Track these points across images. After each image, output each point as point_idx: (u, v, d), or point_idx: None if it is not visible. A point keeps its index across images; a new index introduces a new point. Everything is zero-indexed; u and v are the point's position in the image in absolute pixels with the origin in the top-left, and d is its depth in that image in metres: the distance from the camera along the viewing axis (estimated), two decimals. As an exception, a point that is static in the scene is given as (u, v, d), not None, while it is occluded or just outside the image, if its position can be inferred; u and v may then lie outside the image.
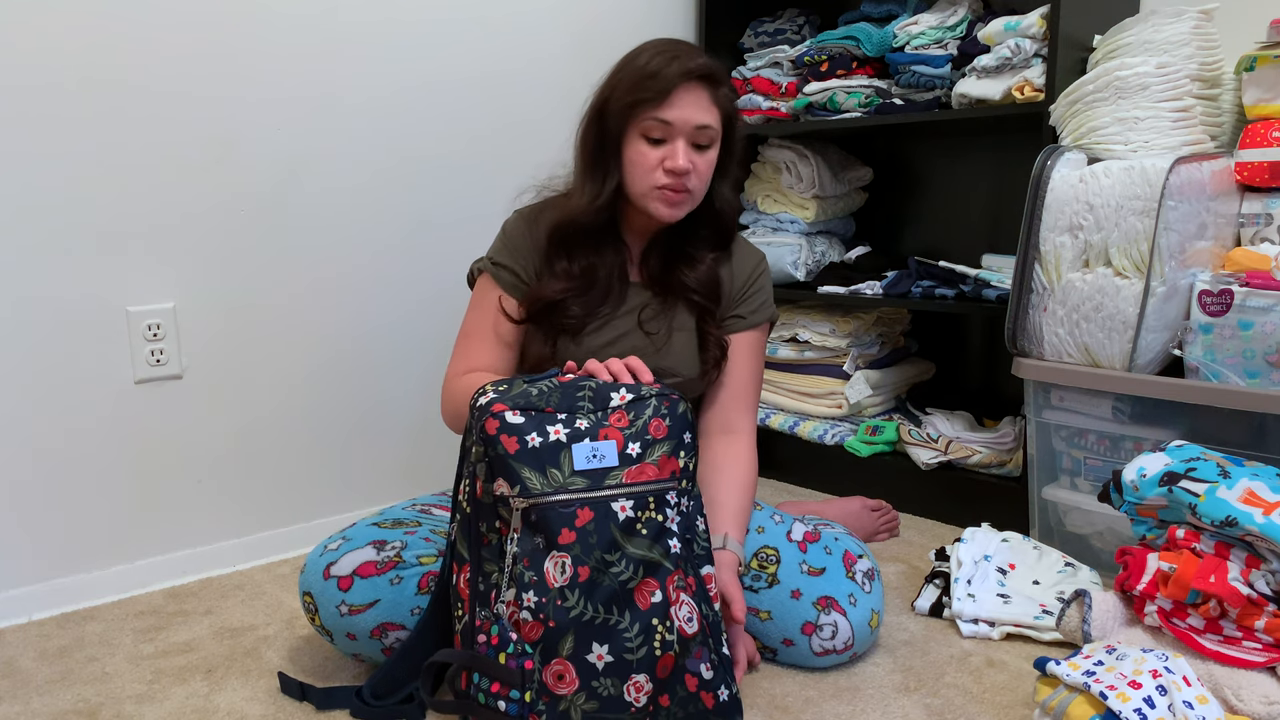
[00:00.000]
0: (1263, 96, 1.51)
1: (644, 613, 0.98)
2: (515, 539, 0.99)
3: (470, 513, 1.04)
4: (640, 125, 1.23)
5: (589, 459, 1.01)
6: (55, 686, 1.23)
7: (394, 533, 1.23)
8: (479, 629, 1.01)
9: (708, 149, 1.26)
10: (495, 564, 1.02)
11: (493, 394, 1.04)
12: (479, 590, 1.03)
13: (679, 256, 1.34)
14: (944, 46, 1.88)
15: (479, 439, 1.02)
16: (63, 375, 1.46)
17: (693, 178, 1.25)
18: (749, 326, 1.38)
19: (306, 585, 1.19)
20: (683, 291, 1.33)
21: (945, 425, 1.91)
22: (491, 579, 1.01)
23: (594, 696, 0.96)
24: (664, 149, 1.23)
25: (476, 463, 1.02)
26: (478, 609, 1.02)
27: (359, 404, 1.79)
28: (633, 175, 1.26)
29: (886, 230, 2.28)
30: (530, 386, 1.06)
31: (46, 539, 1.47)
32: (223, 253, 1.60)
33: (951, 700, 1.18)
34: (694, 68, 1.22)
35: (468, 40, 1.85)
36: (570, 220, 1.28)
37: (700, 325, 1.34)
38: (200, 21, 1.52)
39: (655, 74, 1.21)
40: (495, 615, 1.00)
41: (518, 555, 0.98)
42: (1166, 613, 1.13)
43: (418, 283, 1.84)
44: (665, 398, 1.07)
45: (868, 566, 1.29)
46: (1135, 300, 1.40)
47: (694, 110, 1.22)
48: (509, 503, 1.00)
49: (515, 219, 1.35)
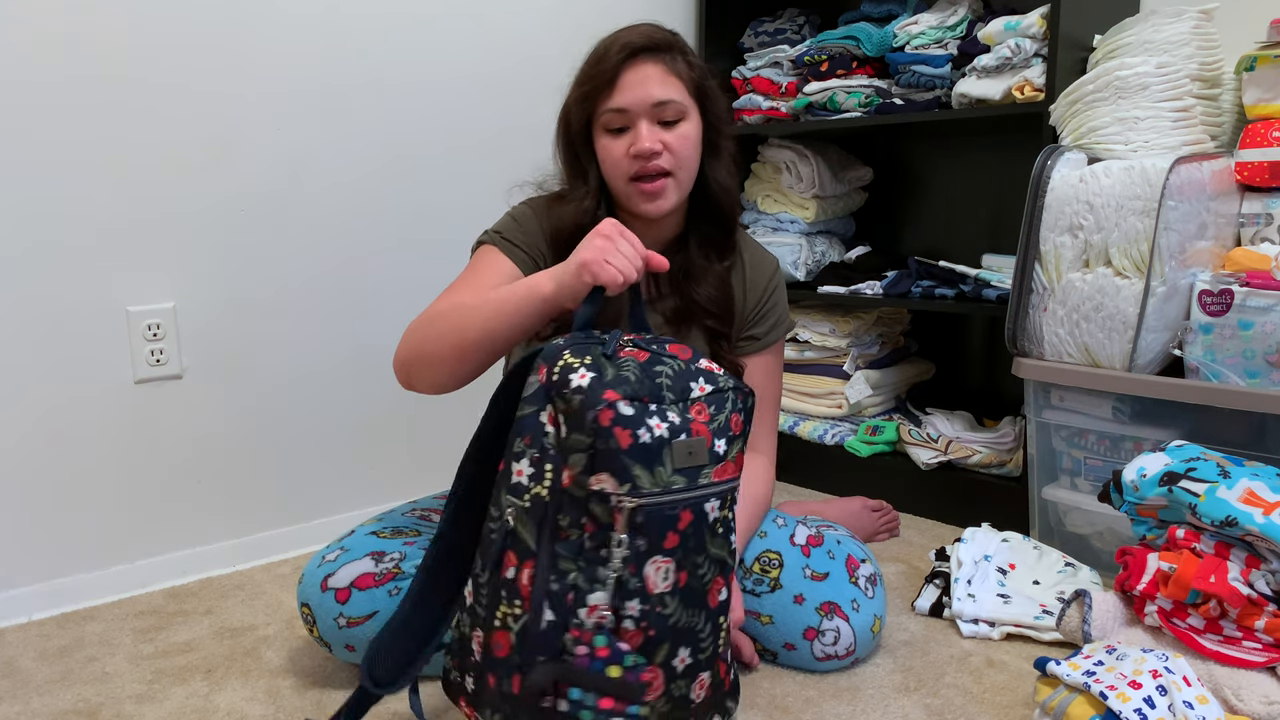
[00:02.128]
0: (1263, 96, 1.51)
1: (713, 611, 0.97)
2: (622, 541, 0.91)
3: (549, 501, 0.92)
4: (600, 120, 1.16)
5: (688, 455, 0.94)
6: (55, 686, 1.23)
7: (393, 543, 1.21)
8: (576, 639, 0.91)
9: (678, 124, 1.16)
10: (573, 563, 0.91)
11: (589, 374, 0.92)
12: (551, 590, 0.91)
13: (689, 270, 1.25)
14: (944, 46, 1.88)
15: (589, 429, 0.90)
16: (63, 375, 1.46)
17: (666, 157, 1.15)
18: (765, 348, 1.32)
19: (304, 597, 1.18)
20: (696, 316, 1.25)
21: (945, 425, 1.91)
22: (569, 579, 0.91)
23: (670, 699, 0.94)
24: (628, 136, 1.15)
25: (572, 451, 0.91)
26: (549, 612, 0.91)
27: (359, 404, 1.79)
28: (609, 175, 1.19)
29: (886, 230, 2.28)
30: (614, 367, 0.95)
31: (46, 539, 1.47)
32: (223, 252, 1.60)
33: (951, 700, 1.18)
34: (635, 41, 1.13)
35: (467, 40, 1.85)
36: (566, 227, 1.20)
37: (714, 351, 1.26)
38: (200, 20, 1.52)
39: (599, 60, 1.15)
40: (596, 625, 0.90)
41: (627, 559, 0.91)
42: (1166, 613, 1.13)
43: (418, 282, 1.84)
44: (740, 391, 1.00)
45: (870, 571, 1.29)
46: (1135, 300, 1.39)
47: (646, 87, 1.13)
48: (609, 500, 0.90)
49: (524, 208, 1.27)
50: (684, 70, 1.17)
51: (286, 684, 1.23)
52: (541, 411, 0.94)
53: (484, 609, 0.96)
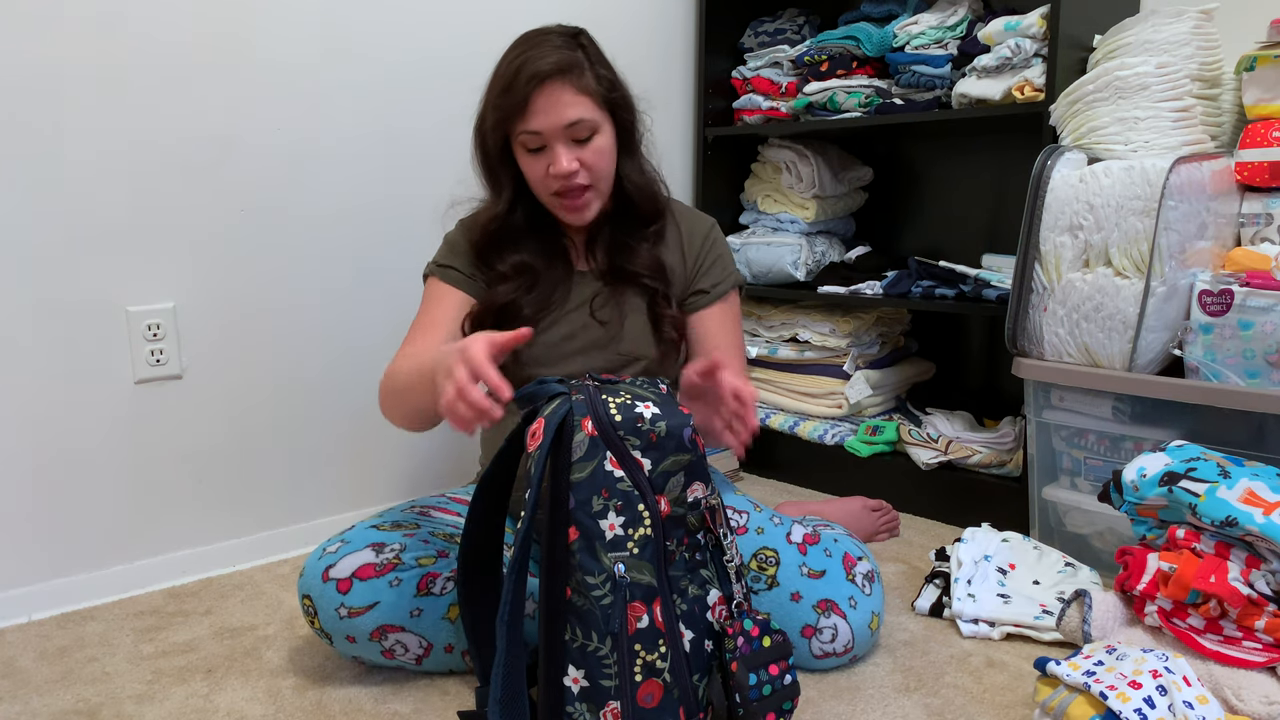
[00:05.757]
0: (1263, 96, 1.51)
1: None
2: (726, 534, 1.01)
3: (653, 536, 0.96)
4: (517, 139, 1.23)
5: None
6: (55, 686, 1.23)
7: (393, 535, 1.22)
8: (734, 651, 0.98)
9: (591, 139, 1.23)
10: (687, 578, 0.99)
11: (650, 405, 0.98)
12: (680, 612, 0.97)
13: (618, 245, 1.33)
14: (944, 46, 1.88)
15: (688, 448, 0.97)
16: (63, 375, 1.46)
17: (584, 174, 1.23)
18: (716, 299, 1.38)
19: (305, 588, 1.19)
20: (631, 277, 1.33)
21: (945, 425, 1.91)
22: (689, 594, 0.98)
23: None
24: (546, 155, 1.23)
25: (670, 475, 0.97)
26: (689, 632, 0.97)
27: (359, 404, 1.79)
28: (532, 187, 1.28)
29: (886, 230, 2.28)
30: (641, 390, 1.03)
31: (46, 539, 1.47)
32: (223, 252, 1.60)
33: (951, 700, 1.18)
34: (543, 69, 1.18)
35: (467, 40, 1.85)
36: (484, 230, 1.30)
37: (652, 307, 1.34)
38: (200, 20, 1.52)
39: (509, 86, 1.20)
40: (731, 614, 1.00)
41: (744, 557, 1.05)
42: (1166, 613, 1.13)
43: (418, 283, 1.84)
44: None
45: (868, 569, 1.29)
46: (1135, 300, 1.39)
47: (557, 111, 1.19)
48: (700, 504, 0.99)
49: (456, 230, 1.38)
50: (592, 85, 1.23)
51: (286, 684, 1.23)
52: (604, 461, 0.95)
53: (613, 677, 0.94)
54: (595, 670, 0.94)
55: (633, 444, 0.96)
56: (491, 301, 1.29)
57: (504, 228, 1.30)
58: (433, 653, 1.21)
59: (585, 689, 0.94)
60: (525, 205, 1.32)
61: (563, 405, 0.96)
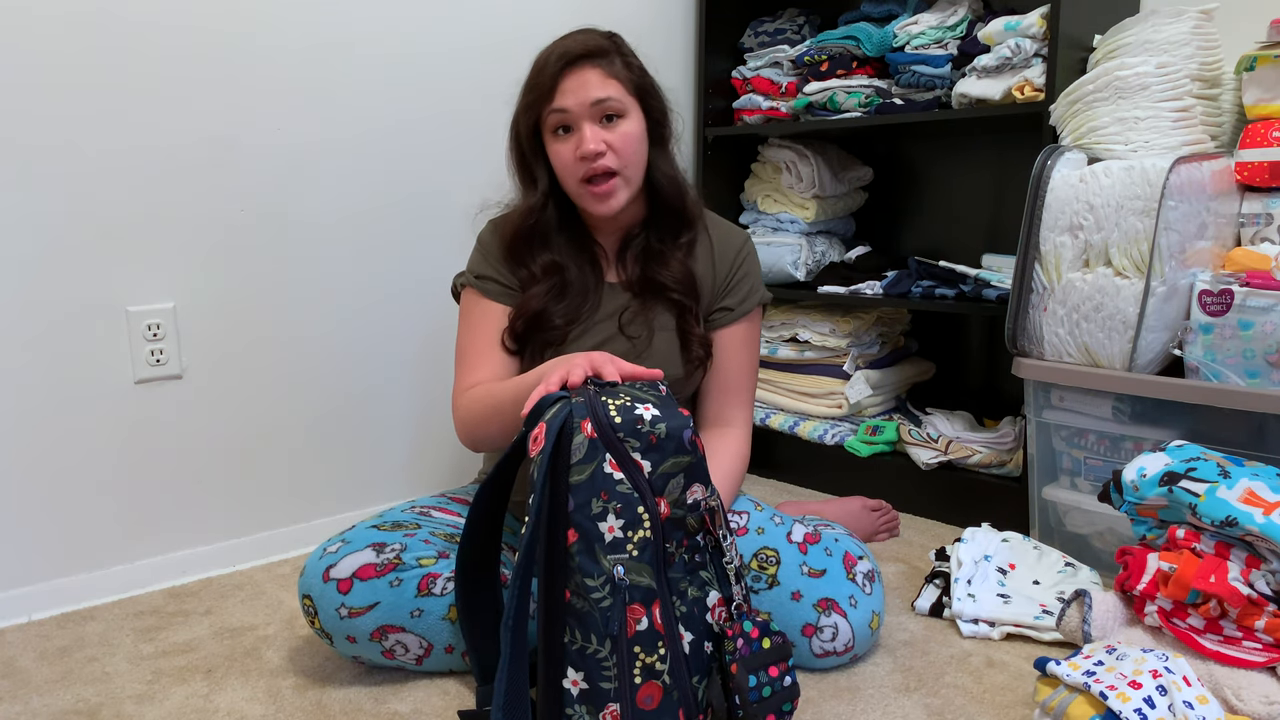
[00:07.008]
0: (1263, 96, 1.51)
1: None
2: (725, 535, 1.00)
3: (653, 538, 0.96)
4: (547, 123, 1.24)
5: None
6: (55, 686, 1.23)
7: (393, 535, 1.22)
8: (733, 654, 0.98)
9: (620, 120, 1.23)
10: (686, 580, 0.98)
11: (651, 408, 0.98)
12: (680, 614, 0.97)
13: (650, 254, 1.32)
14: (944, 46, 1.88)
15: (688, 450, 0.97)
16: (63, 375, 1.46)
17: (611, 156, 1.23)
18: (739, 318, 1.37)
19: (306, 588, 1.19)
20: (660, 290, 1.31)
21: (945, 425, 1.91)
22: (688, 596, 0.98)
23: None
24: (574, 137, 1.23)
25: (670, 477, 0.97)
26: (688, 634, 0.97)
27: (359, 404, 1.79)
28: (563, 180, 1.27)
29: (886, 230, 2.28)
30: (641, 392, 1.02)
31: (46, 539, 1.47)
32: (223, 253, 1.60)
33: (951, 700, 1.18)
34: (573, 49, 1.21)
35: (468, 41, 1.85)
36: (515, 229, 1.29)
37: (681, 325, 1.32)
38: (200, 19, 1.52)
39: (540, 69, 1.23)
40: (730, 616, 1.00)
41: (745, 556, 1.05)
42: (1166, 613, 1.13)
43: (418, 282, 1.84)
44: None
45: (868, 568, 1.29)
46: (1135, 300, 1.40)
47: (585, 89, 1.21)
48: (699, 507, 0.99)
49: (487, 229, 1.36)
50: (622, 72, 1.24)
51: (286, 684, 1.23)
52: (604, 463, 0.95)
53: (612, 679, 0.94)
54: (594, 672, 0.94)
55: (632, 446, 0.96)
56: (524, 309, 1.28)
57: (537, 224, 1.29)
58: (433, 653, 1.21)
59: (585, 691, 0.94)
60: (557, 204, 1.31)
61: (563, 409, 0.96)
